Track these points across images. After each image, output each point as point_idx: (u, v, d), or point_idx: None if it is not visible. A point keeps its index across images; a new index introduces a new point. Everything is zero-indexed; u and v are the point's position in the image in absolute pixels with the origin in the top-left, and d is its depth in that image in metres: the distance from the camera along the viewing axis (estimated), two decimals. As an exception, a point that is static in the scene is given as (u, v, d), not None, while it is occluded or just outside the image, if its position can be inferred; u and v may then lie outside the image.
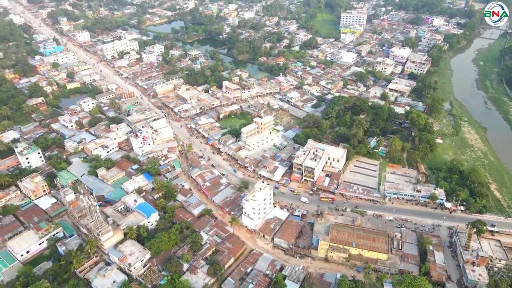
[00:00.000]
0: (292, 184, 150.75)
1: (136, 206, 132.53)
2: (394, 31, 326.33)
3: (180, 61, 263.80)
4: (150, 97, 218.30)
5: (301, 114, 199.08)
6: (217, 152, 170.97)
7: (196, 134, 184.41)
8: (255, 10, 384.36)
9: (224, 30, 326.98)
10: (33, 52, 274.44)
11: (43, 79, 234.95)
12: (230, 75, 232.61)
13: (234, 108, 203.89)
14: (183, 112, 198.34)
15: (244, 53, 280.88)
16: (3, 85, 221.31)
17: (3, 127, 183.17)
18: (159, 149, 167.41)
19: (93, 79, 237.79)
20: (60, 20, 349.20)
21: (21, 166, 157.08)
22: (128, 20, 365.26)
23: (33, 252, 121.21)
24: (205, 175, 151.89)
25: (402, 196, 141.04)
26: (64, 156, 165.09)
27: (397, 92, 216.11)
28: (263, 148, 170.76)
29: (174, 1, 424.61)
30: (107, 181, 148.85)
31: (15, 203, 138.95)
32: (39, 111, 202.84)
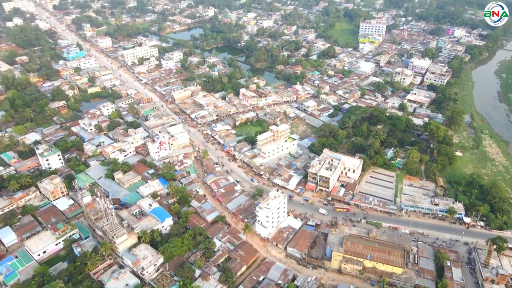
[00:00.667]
0: (307, 194, 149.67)
1: (150, 210, 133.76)
2: (413, 42, 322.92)
3: (198, 68, 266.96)
4: (168, 103, 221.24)
5: (317, 123, 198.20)
6: (232, 159, 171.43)
7: (212, 140, 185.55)
8: (274, 19, 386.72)
9: (243, 38, 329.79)
10: (57, 57, 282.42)
11: (65, 83, 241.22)
12: (247, 83, 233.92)
13: (250, 116, 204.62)
14: (200, 118, 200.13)
15: (261, 61, 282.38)
16: (28, 88, 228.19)
17: (25, 129, 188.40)
18: (175, 155, 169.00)
19: (113, 84, 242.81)
20: (84, 26, 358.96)
21: (41, 168, 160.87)
22: (149, 27, 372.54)
23: (50, 252, 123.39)
24: (219, 182, 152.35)
25: (419, 209, 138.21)
26: (83, 159, 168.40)
27: (416, 103, 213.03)
28: (278, 156, 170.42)
29: (194, 9, 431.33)
30: (123, 185, 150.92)
31: (34, 203, 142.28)
32: (60, 114, 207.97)
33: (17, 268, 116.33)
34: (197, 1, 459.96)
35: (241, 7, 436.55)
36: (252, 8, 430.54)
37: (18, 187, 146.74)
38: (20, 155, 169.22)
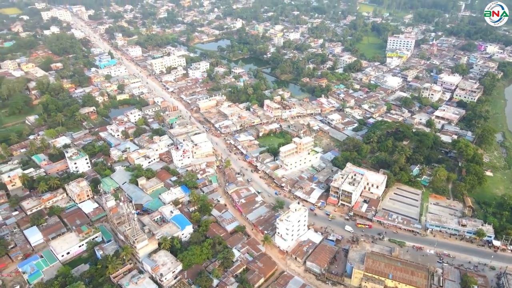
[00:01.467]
0: (328, 208, 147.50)
1: (171, 217, 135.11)
2: (443, 57, 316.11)
3: (224, 78, 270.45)
4: (193, 112, 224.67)
5: (341, 136, 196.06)
6: (254, 170, 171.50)
7: (235, 150, 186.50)
8: (301, 32, 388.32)
9: (269, 50, 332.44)
10: (89, 64, 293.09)
11: (96, 89, 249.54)
12: (272, 94, 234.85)
13: (274, 127, 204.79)
14: (224, 128, 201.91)
15: (287, 73, 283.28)
16: (60, 93, 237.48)
17: (57, 133, 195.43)
18: (198, 163, 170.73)
19: (141, 91, 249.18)
20: (116, 35, 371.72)
21: (69, 170, 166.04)
22: (178, 38, 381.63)
23: (73, 254, 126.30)
24: (241, 192, 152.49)
25: (445, 230, 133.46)
26: (109, 164, 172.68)
27: (444, 120, 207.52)
28: (301, 168, 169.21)
29: (223, 21, 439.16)
30: (146, 191, 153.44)
31: (61, 205, 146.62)
32: (90, 119, 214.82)
33: (42, 267, 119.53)
34: (225, 13, 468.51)
35: (269, 19, 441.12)
36: (279, 20, 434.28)
37: (47, 188, 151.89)
38: (50, 157, 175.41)
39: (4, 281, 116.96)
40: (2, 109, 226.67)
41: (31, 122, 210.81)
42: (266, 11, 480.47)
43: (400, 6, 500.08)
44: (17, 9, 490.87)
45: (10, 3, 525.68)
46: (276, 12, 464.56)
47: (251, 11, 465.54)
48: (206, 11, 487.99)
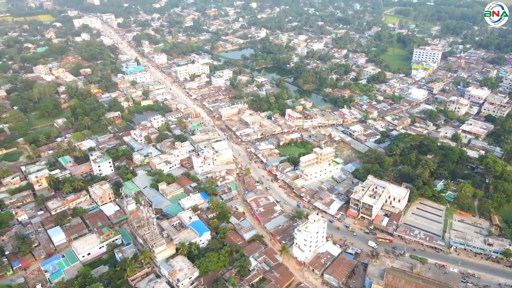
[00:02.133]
0: (348, 220, 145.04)
1: (190, 223, 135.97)
2: (471, 70, 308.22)
3: (246, 87, 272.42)
4: (215, 119, 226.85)
5: (362, 148, 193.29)
6: (274, 179, 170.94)
7: (255, 159, 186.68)
8: (325, 42, 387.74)
9: (292, 59, 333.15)
10: (116, 70, 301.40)
11: (121, 95, 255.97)
12: (293, 104, 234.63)
13: (294, 137, 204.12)
14: (245, 136, 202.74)
15: (309, 83, 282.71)
16: (88, 98, 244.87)
17: (83, 136, 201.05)
18: (218, 170, 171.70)
19: (165, 98, 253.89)
20: (143, 43, 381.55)
21: (93, 173, 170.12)
22: (203, 46, 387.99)
23: (93, 255, 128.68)
24: (259, 200, 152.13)
25: (470, 248, 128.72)
26: (131, 168, 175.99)
27: (471, 135, 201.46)
28: (321, 179, 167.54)
29: (247, 30, 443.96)
30: (166, 196, 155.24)
31: (84, 206, 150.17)
32: (114, 124, 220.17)
33: (63, 267, 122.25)
34: (250, 22, 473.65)
35: (293, 29, 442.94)
36: (303, 30, 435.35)
37: (71, 189, 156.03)
38: (76, 160, 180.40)
39: (26, 278, 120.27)
40: (33, 111, 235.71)
41: (59, 125, 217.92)
42: (290, 21, 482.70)
43: (427, 18, 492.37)
44: (50, 16, 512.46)
45: (45, 10, 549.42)
46: (300, 22, 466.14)
47: (275, 21, 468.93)
48: (231, 20, 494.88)
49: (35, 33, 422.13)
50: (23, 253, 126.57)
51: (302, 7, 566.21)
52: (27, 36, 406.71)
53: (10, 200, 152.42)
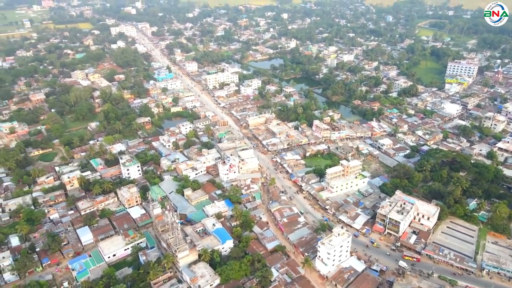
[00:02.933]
0: (373, 235, 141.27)
1: (213, 230, 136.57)
2: (509, 86, 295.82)
3: (274, 96, 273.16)
4: (242, 128, 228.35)
5: (391, 162, 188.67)
6: (299, 190, 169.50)
7: (281, 168, 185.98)
8: (355, 54, 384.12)
9: (321, 70, 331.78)
10: (149, 77, 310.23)
11: (152, 101, 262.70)
12: (321, 115, 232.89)
13: (321, 148, 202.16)
14: (271, 145, 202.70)
15: (338, 94, 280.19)
16: (120, 103, 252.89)
17: (114, 140, 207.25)
18: (243, 178, 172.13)
19: (194, 105, 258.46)
20: (175, 51, 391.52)
21: (122, 176, 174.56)
22: (233, 55, 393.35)
23: (118, 256, 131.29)
24: (283, 211, 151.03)
25: (504, 272, 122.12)
26: (158, 173, 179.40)
27: (508, 153, 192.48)
28: (347, 192, 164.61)
29: (277, 40, 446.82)
30: (191, 202, 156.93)
31: (111, 208, 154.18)
32: (144, 129, 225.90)
33: (89, 266, 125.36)
34: (280, 33, 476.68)
35: (323, 40, 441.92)
36: (333, 42, 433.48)
37: (101, 191, 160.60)
38: (106, 162, 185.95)
39: (54, 275, 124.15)
40: (69, 114, 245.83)
41: (92, 128, 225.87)
42: (321, 32, 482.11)
43: (463, 31, 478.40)
44: (90, 24, 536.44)
45: (84, 18, 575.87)
46: (331, 34, 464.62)
47: (306, 32, 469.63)
48: (261, 30, 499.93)
49: (74, 40, 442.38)
50: (52, 251, 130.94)
51: (333, 18, 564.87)
52: (67, 43, 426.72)
53: (44, 198, 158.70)
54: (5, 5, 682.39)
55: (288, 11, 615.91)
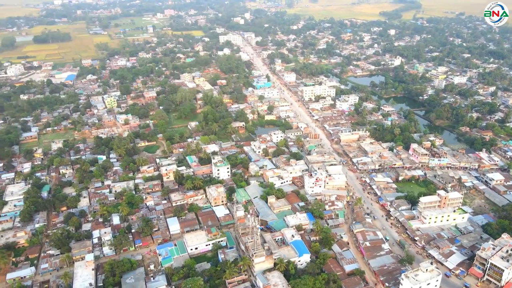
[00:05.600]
0: (469, 279, 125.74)
1: (292, 241, 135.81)
2: None
3: (371, 114, 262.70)
4: (333, 143, 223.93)
5: (500, 200, 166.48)
6: (386, 215, 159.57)
7: (369, 189, 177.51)
8: (468, 76, 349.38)
9: (427, 91, 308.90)
10: (248, 84, 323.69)
11: (248, 107, 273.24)
12: (421, 139, 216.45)
13: (417, 174, 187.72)
14: (361, 164, 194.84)
15: (443, 118, 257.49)
16: (219, 106, 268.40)
17: (209, 140, 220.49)
18: (328, 194, 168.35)
19: (287, 115, 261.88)
20: (276, 61, 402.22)
21: (212, 175, 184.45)
22: (332, 69, 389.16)
23: (200, 250, 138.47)
24: (367, 234, 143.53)
25: None
26: (246, 176, 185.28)
27: None
28: (441, 225, 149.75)
29: (381, 57, 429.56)
30: (274, 209, 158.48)
31: (199, 204, 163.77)
32: (238, 133, 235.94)
33: (173, 254, 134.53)
34: (385, 49, 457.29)
35: (432, 59, 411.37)
36: (444, 62, 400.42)
37: (191, 186, 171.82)
38: (200, 160, 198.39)
39: (144, 257, 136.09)
40: (174, 112, 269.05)
41: (192, 127, 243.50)
42: (431, 51, 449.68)
43: None
44: (202, 32, 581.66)
45: (198, 26, 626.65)
46: (442, 53, 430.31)
47: (414, 50, 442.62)
48: (365, 45, 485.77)
49: (187, 45, 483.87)
50: (145, 234, 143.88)
51: (447, 36, 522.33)
52: (181, 48, 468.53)
53: (143, 186, 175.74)
54: (135, 12, 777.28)
55: (396, 27, 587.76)
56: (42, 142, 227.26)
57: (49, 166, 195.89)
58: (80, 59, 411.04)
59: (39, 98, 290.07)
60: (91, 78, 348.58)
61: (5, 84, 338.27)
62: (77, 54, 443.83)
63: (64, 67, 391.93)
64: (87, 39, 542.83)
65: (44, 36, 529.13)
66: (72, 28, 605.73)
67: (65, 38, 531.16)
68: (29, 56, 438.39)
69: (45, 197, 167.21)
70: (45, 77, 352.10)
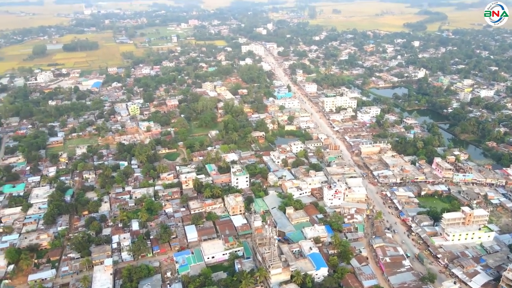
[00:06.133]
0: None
1: (309, 253, 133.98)
2: None
3: (393, 127, 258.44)
4: (353, 155, 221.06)
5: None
6: (407, 230, 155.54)
7: (389, 203, 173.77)
8: (496, 89, 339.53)
9: (451, 104, 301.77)
10: (269, 94, 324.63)
11: (269, 117, 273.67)
12: (445, 153, 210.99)
13: (440, 189, 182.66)
14: (382, 177, 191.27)
15: (468, 132, 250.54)
16: (240, 116, 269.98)
17: (229, 149, 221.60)
18: (348, 207, 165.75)
19: (307, 126, 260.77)
20: (297, 71, 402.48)
21: (231, 184, 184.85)
22: (354, 80, 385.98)
23: (217, 259, 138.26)
24: (387, 249, 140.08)
25: None
26: (264, 186, 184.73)
27: None
28: (465, 243, 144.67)
29: (404, 69, 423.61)
30: (292, 221, 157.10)
31: (217, 213, 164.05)
32: (258, 143, 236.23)
33: (190, 262, 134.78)
34: (408, 61, 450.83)
35: (458, 72, 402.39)
36: (470, 75, 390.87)
37: (210, 195, 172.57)
38: (219, 169, 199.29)
39: (161, 264, 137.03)
40: (195, 121, 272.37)
41: (212, 135, 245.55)
42: (456, 63, 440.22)
43: None
44: (224, 42, 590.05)
45: (221, 36, 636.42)
46: (468, 66, 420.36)
47: (438, 62, 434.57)
48: (388, 57, 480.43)
49: (209, 55, 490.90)
50: (163, 241, 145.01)
51: (473, 49, 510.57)
52: (203, 57, 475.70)
53: (163, 192, 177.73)
54: (160, 22, 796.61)
55: (421, 39, 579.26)
56: (67, 147, 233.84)
57: (73, 170, 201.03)
58: (106, 67, 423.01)
59: (66, 104, 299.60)
60: (116, 86, 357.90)
61: (35, 90, 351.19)
62: (103, 62, 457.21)
63: (90, 75, 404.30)
64: (114, 47, 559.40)
65: (73, 45, 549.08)
66: (100, 37, 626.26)
67: (93, 47, 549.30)
68: (58, 64, 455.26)
69: (68, 201, 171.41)
70: (72, 84, 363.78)
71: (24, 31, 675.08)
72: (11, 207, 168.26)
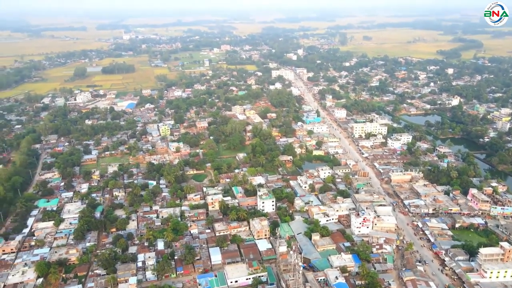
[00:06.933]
0: None
1: (335, 283, 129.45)
2: None
3: (425, 155, 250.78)
4: (383, 182, 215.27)
5: None
6: (441, 264, 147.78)
7: (421, 234, 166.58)
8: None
9: (488, 133, 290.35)
10: (297, 119, 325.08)
11: (297, 141, 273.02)
12: (481, 184, 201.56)
13: (476, 222, 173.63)
14: (414, 207, 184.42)
15: (507, 163, 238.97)
16: (268, 139, 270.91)
17: (256, 172, 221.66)
18: (376, 236, 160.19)
19: (336, 151, 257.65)
20: (327, 96, 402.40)
21: (256, 207, 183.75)
22: (384, 106, 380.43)
23: (240, 284, 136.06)
24: (418, 283, 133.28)
25: None
26: (290, 211, 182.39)
27: None
28: (505, 282, 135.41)
29: (437, 96, 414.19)
30: (317, 248, 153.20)
31: (242, 236, 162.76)
32: (285, 167, 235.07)
33: (213, 285, 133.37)
34: (442, 88, 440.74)
35: (494, 100, 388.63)
36: (508, 103, 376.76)
37: (236, 217, 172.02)
38: (245, 192, 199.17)
39: (184, 285, 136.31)
40: (223, 143, 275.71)
41: (240, 158, 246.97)
42: (493, 92, 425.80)
43: None
44: (255, 66, 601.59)
45: (251, 61, 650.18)
46: (506, 94, 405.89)
47: (474, 90, 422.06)
48: (420, 84, 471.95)
49: (240, 79, 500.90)
50: (187, 262, 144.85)
51: (511, 77, 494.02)
52: (234, 81, 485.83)
53: (189, 213, 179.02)
54: (194, 47, 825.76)
55: (455, 66, 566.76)
56: (100, 164, 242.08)
57: (104, 187, 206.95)
58: (141, 89, 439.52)
59: (102, 124, 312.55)
60: (149, 107, 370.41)
61: (73, 109, 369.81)
62: (138, 84, 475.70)
63: (125, 96, 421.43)
64: (149, 71, 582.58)
65: (111, 67, 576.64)
66: (136, 61, 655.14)
67: (129, 70, 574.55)
68: (96, 85, 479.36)
69: (98, 218, 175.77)
70: (108, 104, 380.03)
71: (68, 54, 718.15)
72: (44, 221, 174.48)
